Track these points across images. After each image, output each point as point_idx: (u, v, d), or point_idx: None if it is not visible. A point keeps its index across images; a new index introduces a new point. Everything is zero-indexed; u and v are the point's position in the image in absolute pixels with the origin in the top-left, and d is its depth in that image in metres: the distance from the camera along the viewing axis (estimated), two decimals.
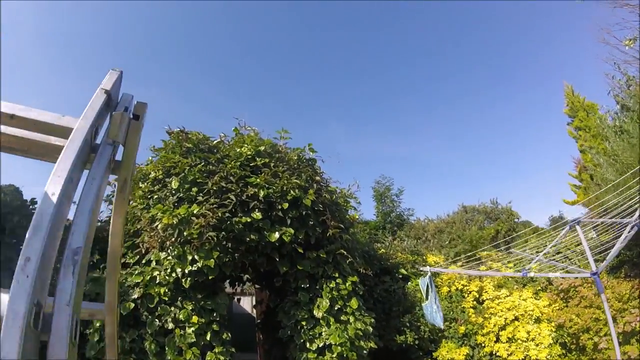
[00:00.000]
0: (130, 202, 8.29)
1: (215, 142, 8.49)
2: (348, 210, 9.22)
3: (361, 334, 7.90)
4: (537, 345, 9.10)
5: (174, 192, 7.56)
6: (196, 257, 7.02)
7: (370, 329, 8.02)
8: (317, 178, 8.28)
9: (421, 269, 8.33)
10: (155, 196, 7.73)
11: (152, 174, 7.96)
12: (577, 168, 13.65)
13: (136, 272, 7.32)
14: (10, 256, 7.95)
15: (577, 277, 8.57)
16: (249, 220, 7.31)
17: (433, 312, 8.17)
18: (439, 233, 19.46)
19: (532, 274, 7.13)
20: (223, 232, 7.19)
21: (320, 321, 7.83)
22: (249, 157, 8.15)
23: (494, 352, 9.36)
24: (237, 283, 10.30)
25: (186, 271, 7.00)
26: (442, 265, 10.72)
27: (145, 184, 8.06)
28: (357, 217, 9.31)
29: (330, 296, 7.92)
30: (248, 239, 7.35)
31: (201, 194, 7.44)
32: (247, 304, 19.71)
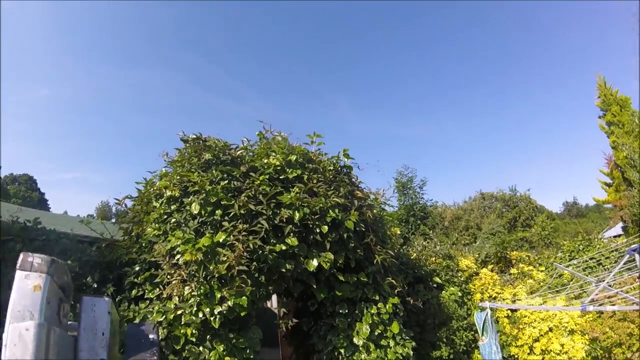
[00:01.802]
0: (145, 226, 6.77)
1: (239, 151, 6.88)
2: (384, 218, 7.79)
3: (401, 358, 6.77)
4: (569, 358, 8.11)
5: (194, 215, 6.04)
6: (226, 294, 5.63)
7: (411, 352, 6.86)
8: (358, 193, 6.78)
9: (479, 304, 7.11)
10: (173, 219, 6.19)
11: (168, 193, 6.37)
12: (609, 166, 12.40)
13: (156, 308, 5.92)
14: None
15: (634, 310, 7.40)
16: (283, 247, 5.89)
17: (492, 352, 7.00)
18: (457, 220, 18.31)
19: (591, 308, 5.97)
20: (254, 263, 5.77)
21: (360, 348, 6.63)
22: (278, 168, 6.61)
23: None
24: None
25: (215, 311, 5.61)
26: (473, 269, 9.58)
27: (160, 203, 6.48)
28: (398, 231, 7.92)
29: (370, 321, 6.69)
30: (284, 269, 5.95)
31: (227, 217, 5.95)
32: None
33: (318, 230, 6.13)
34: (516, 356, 8.39)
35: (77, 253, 6.82)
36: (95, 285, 6.60)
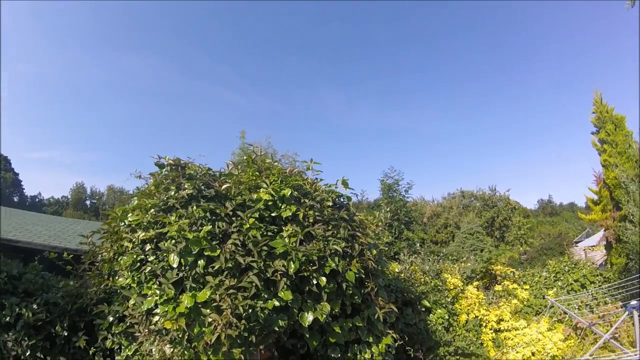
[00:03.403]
0: (114, 274, 5.68)
1: (224, 184, 5.73)
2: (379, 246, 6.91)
3: None
4: None
5: (173, 266, 4.97)
6: (213, 359, 4.77)
7: None
8: (360, 238, 5.86)
9: None
10: (149, 267, 5.11)
11: (142, 234, 5.24)
12: (598, 184, 12.01)
13: None
14: None
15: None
16: (276, 304, 4.98)
17: None
18: (435, 217, 17.80)
19: None
20: (244, 322, 4.86)
21: None
22: (270, 203, 5.56)
23: None
24: None
25: None
26: (460, 287, 9.08)
27: (133, 244, 5.35)
28: (396, 267, 7.11)
29: None
30: (277, 327, 5.08)
31: (211, 269, 4.93)
32: None
33: (315, 282, 5.24)
34: None
35: (42, 293, 5.75)
36: (66, 334, 5.58)
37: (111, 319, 5.58)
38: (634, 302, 6.12)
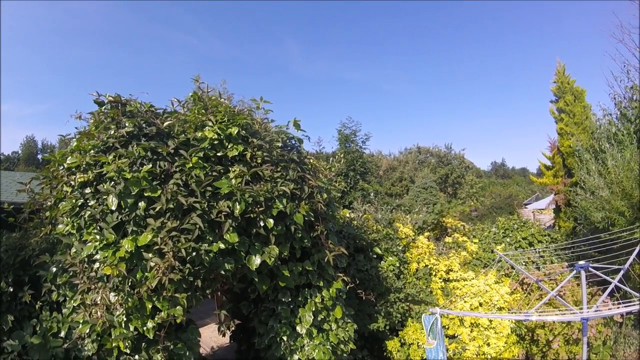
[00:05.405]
0: (55, 221, 5.25)
1: (167, 121, 5.31)
2: (332, 193, 6.71)
3: (344, 340, 6.24)
4: (496, 333, 8.18)
5: (112, 209, 4.61)
6: (158, 304, 4.53)
7: (352, 334, 6.35)
8: (310, 180, 5.63)
9: (430, 310, 6.58)
10: (88, 212, 4.73)
11: (80, 178, 4.82)
12: (552, 150, 12.27)
13: (81, 318, 4.72)
14: None
15: (566, 320, 7.34)
16: (222, 246, 4.75)
17: (439, 359, 6.60)
18: (391, 170, 17.77)
19: (534, 318, 5.75)
20: (188, 266, 4.62)
21: (303, 335, 5.97)
22: (215, 142, 5.22)
23: (456, 335, 8.30)
24: None
25: (148, 325, 4.54)
26: (411, 237, 9.16)
27: (72, 188, 4.93)
28: (347, 214, 6.95)
29: (314, 309, 5.97)
30: (223, 271, 4.87)
31: (152, 211, 4.61)
32: None
33: (262, 224, 5.03)
34: (447, 327, 8.33)
35: None
36: (12, 290, 5.17)
37: (54, 269, 5.20)
38: (582, 262, 6.38)
